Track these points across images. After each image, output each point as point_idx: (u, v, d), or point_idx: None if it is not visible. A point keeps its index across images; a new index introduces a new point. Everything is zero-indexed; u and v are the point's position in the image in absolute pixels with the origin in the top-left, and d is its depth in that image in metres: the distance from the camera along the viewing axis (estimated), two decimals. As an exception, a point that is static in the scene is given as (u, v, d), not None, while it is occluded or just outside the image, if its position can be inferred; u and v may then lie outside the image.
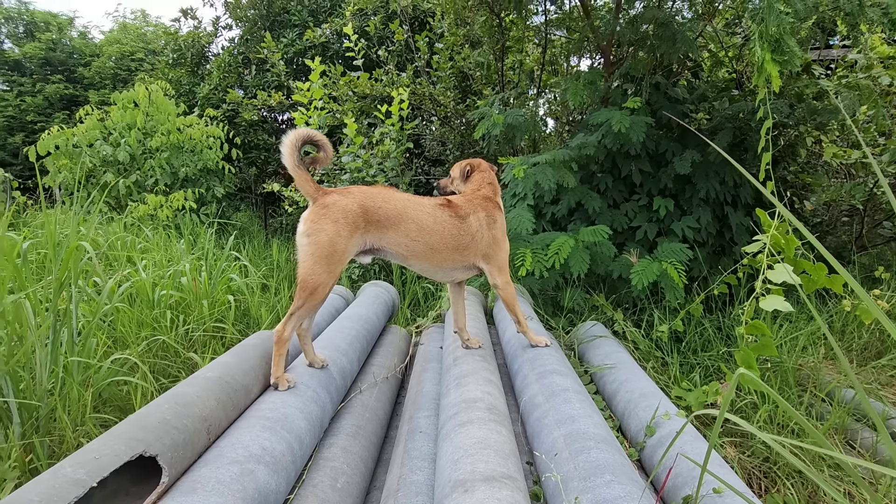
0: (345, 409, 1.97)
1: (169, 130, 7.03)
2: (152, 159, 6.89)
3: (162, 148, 6.93)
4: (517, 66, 5.74)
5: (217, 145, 7.41)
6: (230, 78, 8.50)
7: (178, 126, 7.10)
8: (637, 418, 1.98)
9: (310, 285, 1.67)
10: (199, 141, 7.20)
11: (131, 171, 6.81)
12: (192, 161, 7.15)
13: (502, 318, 2.84)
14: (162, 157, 6.89)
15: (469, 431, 1.45)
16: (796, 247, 2.31)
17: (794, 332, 2.95)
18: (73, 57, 14.42)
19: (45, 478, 0.95)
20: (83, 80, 13.68)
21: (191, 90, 9.45)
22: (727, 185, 3.51)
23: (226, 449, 1.28)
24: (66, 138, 6.59)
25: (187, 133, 7.13)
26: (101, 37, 15.99)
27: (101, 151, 6.62)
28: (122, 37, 15.28)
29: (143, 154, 6.96)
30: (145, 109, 7.03)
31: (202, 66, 9.81)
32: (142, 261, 3.05)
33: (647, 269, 3.03)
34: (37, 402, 1.86)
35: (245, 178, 9.55)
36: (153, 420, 1.19)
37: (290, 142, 1.70)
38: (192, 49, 9.45)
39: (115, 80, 13.70)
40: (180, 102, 7.85)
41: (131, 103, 7.11)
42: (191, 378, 1.46)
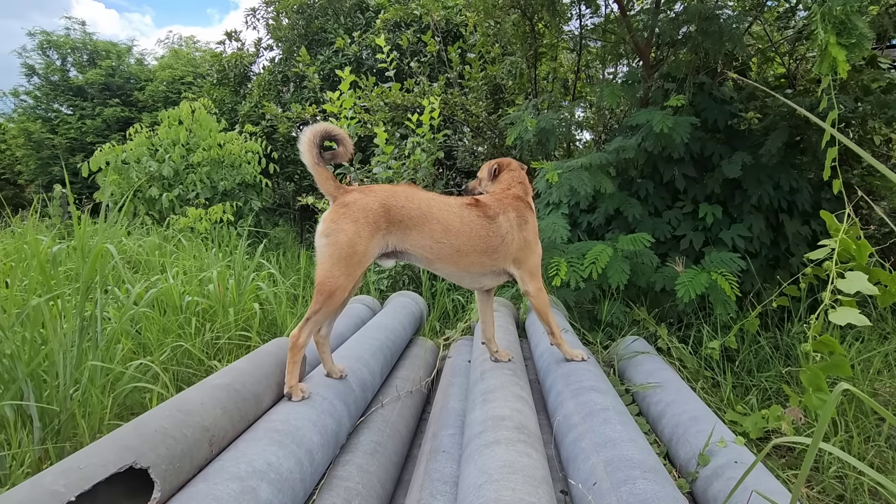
0: (364, 423, 1.85)
1: (210, 146, 7.28)
2: (193, 174, 7.14)
3: (203, 163, 7.17)
4: (551, 75, 5.61)
5: (255, 160, 7.61)
6: (269, 95, 8.77)
7: (219, 141, 7.34)
8: (687, 444, 1.76)
9: (327, 288, 1.57)
10: (237, 156, 7.41)
11: (174, 185, 7.07)
12: (231, 175, 7.36)
13: (535, 331, 2.67)
14: (202, 172, 7.12)
15: (495, 453, 1.29)
16: (869, 253, 2.04)
17: (865, 352, 2.62)
18: (129, 82, 15.37)
19: (24, 488, 0.87)
20: (138, 104, 14.52)
21: (233, 108, 9.82)
22: (782, 190, 3.22)
23: (228, 463, 1.18)
24: (117, 155, 6.92)
25: (227, 148, 7.36)
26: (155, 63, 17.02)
27: (147, 167, 6.91)
28: (174, 62, 16.20)
29: (186, 169, 7.22)
30: (189, 126, 7.32)
31: (244, 85, 10.19)
32: (173, 268, 3.06)
33: (694, 279, 2.79)
34: (56, 407, 1.83)
35: (284, 194, 9.77)
36: (150, 428, 1.10)
37: (308, 138, 1.63)
38: (234, 69, 9.84)
39: (167, 103, 14.47)
40: (222, 119, 8.15)
41: (177, 120, 7.42)
42: (198, 384, 1.38)
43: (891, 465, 2.12)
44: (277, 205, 10.07)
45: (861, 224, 2.99)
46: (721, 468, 1.57)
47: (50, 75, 14.57)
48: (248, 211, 7.51)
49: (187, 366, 2.55)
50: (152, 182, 7.09)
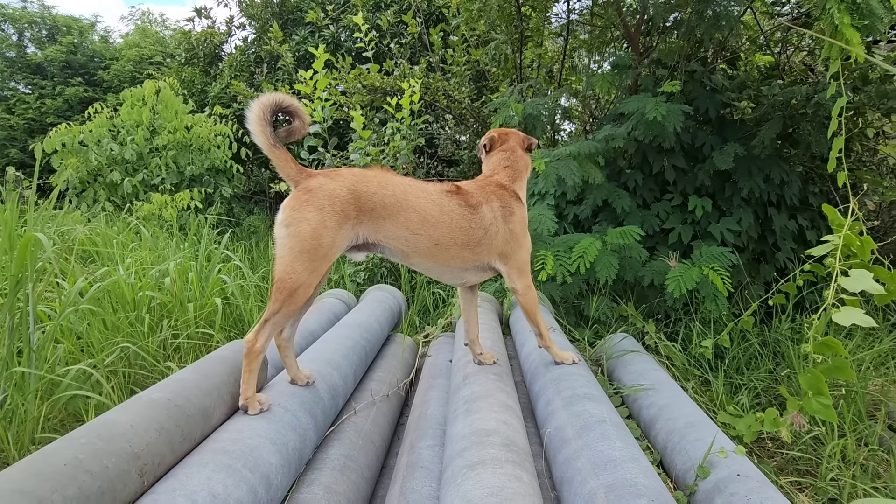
0: (334, 434, 1.66)
1: (176, 128, 6.88)
2: (159, 158, 6.74)
3: (169, 146, 6.78)
4: (535, 62, 5.44)
5: (226, 144, 7.24)
6: (242, 76, 8.36)
7: (186, 124, 6.95)
8: (684, 453, 1.64)
9: (288, 286, 1.37)
10: (206, 139, 7.03)
11: (138, 169, 6.66)
12: (200, 160, 6.98)
13: (520, 329, 2.51)
14: (168, 156, 6.73)
15: (480, 477, 1.12)
16: (873, 249, 1.94)
17: (858, 351, 2.56)
18: (93, 60, 14.56)
19: None
20: (102, 84, 13.77)
21: (203, 90, 9.35)
22: (772, 183, 3.13)
23: (161, 497, 0.98)
24: (73, 136, 6.47)
25: (195, 131, 6.97)
26: (121, 40, 16.16)
27: (108, 150, 6.49)
28: (141, 40, 15.41)
29: (150, 152, 6.82)
30: (153, 106, 6.89)
31: (215, 65, 9.71)
32: (126, 259, 2.79)
33: (684, 274, 2.67)
34: (-26, 420, 1.59)
35: (259, 181, 9.39)
36: (58, 461, 0.89)
37: (257, 114, 1.40)
38: (204, 48, 9.35)
39: (133, 83, 13.76)
40: (191, 101, 7.72)
41: (140, 101, 6.99)
42: (129, 401, 1.17)
43: (882, 468, 2.05)
44: (252, 192, 9.68)
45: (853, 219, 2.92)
46: (723, 482, 1.44)
47: (5, 51, 13.67)
48: (217, 198, 7.15)
49: (141, 367, 2.31)
50: (113, 166, 6.67)
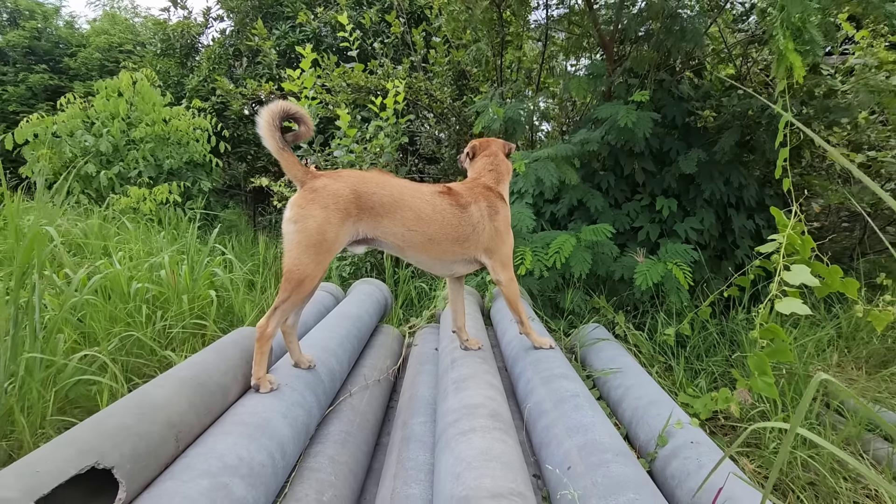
0: (333, 413, 1.81)
1: (154, 121, 6.81)
2: (136, 150, 6.67)
3: (146, 139, 6.71)
4: (515, 64, 5.63)
5: (204, 138, 7.19)
6: (220, 69, 8.29)
7: (164, 117, 6.88)
8: (647, 426, 1.85)
9: (296, 277, 1.51)
10: (185, 133, 6.98)
11: (114, 162, 6.57)
12: (178, 153, 6.93)
13: (501, 319, 2.70)
14: (146, 149, 6.66)
15: (472, 441, 1.30)
16: (812, 247, 2.20)
17: (801, 337, 2.85)
18: (58, 47, 14.04)
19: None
20: (69, 71, 13.31)
21: (179, 82, 9.22)
22: (731, 186, 3.41)
23: (196, 459, 1.12)
24: (46, 127, 6.35)
25: (173, 124, 6.91)
26: (88, 27, 15.61)
27: (82, 141, 6.39)
28: (110, 27, 14.93)
29: (127, 145, 6.73)
30: (129, 98, 6.80)
31: (191, 57, 9.57)
32: (118, 252, 2.86)
33: (651, 269, 2.91)
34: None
35: (234, 174, 9.34)
36: (111, 425, 1.02)
37: (267, 120, 1.53)
38: (181, 39, 9.22)
39: (102, 72, 13.34)
40: (167, 93, 7.63)
41: (115, 92, 6.88)
42: (161, 377, 1.30)
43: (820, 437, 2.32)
44: (227, 186, 9.62)
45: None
46: (678, 448, 1.66)
47: (-37, 35, 13.08)
48: (196, 192, 7.12)
49: (137, 356, 2.40)
50: (88, 158, 6.57)
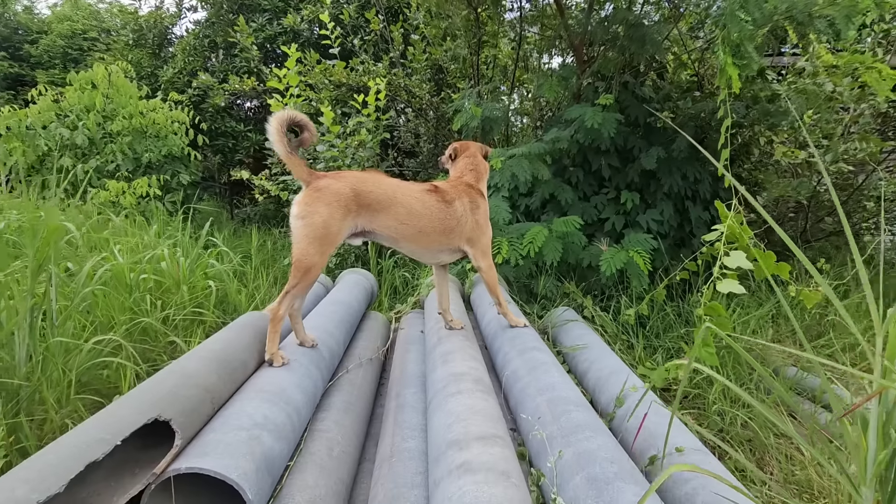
0: (334, 387, 2.04)
1: (131, 114, 6.78)
2: (113, 144, 6.64)
3: (123, 132, 6.68)
4: (491, 61, 5.86)
5: (182, 131, 7.20)
6: (196, 62, 8.24)
7: (141, 110, 6.86)
8: (607, 392, 2.14)
9: (304, 265, 1.73)
10: (163, 126, 6.97)
11: (90, 155, 6.54)
12: (156, 147, 6.93)
13: (480, 303, 2.97)
14: (124, 142, 6.64)
15: (459, 400, 1.56)
16: (749, 237, 2.53)
17: (744, 315, 3.21)
18: (17, 33, 13.51)
19: (72, 436, 0.99)
20: (30, 59, 12.85)
21: (153, 73, 9.10)
22: (688, 181, 3.74)
23: (230, 418, 1.34)
24: (20, 119, 6.26)
25: (151, 117, 6.90)
26: (48, 13, 15.03)
27: (57, 134, 6.33)
28: (73, 13, 14.43)
29: (103, 138, 6.69)
30: (105, 91, 6.75)
31: (164, 48, 9.45)
32: (115, 246, 2.99)
33: (615, 256, 3.22)
34: (19, 382, 1.84)
35: (208, 166, 9.31)
36: (163, 389, 1.24)
37: (276, 127, 1.73)
38: (153, 30, 9.09)
39: (66, 60, 12.93)
40: (142, 85, 7.57)
41: (89, 84, 6.82)
42: (190, 354, 1.50)
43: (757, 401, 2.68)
44: (202, 178, 9.58)
45: (747, 211, 3.59)
46: (633, 407, 1.96)
47: (-85, 20, 12.48)
48: (175, 185, 7.13)
49: (142, 342, 2.57)
50: (63, 151, 6.51)
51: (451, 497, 1.11)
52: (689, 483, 1.44)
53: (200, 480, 1.21)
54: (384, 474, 1.50)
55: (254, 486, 1.16)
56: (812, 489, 2.04)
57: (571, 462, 1.24)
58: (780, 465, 2.29)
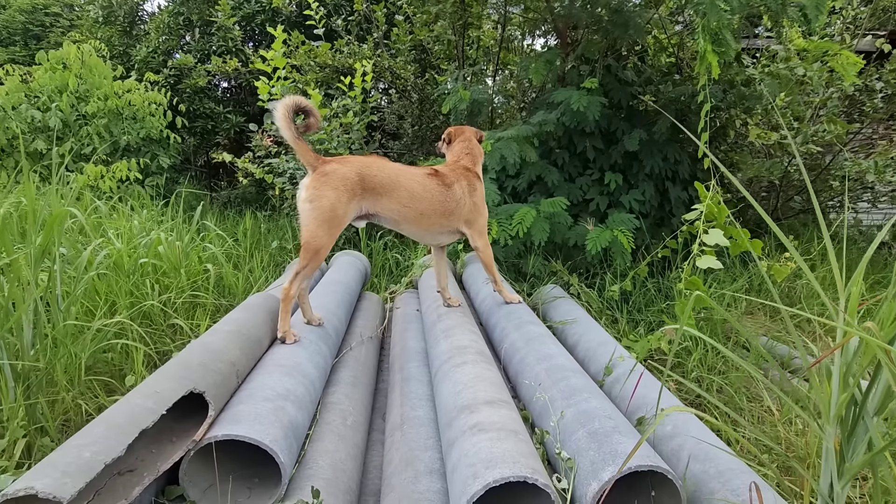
0: (339, 363, 2.14)
1: (106, 95, 6.59)
2: (88, 126, 6.46)
3: (99, 114, 6.50)
4: (475, 42, 5.87)
5: (160, 112, 7.03)
6: (171, 41, 7.99)
7: (116, 90, 6.66)
8: (597, 362, 2.30)
9: (313, 247, 1.81)
10: (140, 107, 6.80)
11: (65, 138, 6.35)
12: (134, 129, 6.77)
13: (473, 282, 3.09)
14: (99, 124, 6.47)
15: (465, 370, 1.68)
16: (726, 215, 2.70)
17: (720, 290, 3.42)
18: (-28, 7, 12.78)
19: (120, 406, 1.07)
20: (-12, 35, 12.19)
21: (125, 52, 8.79)
22: (669, 162, 3.90)
23: (255, 390, 1.43)
24: (-13, 101, 6.02)
25: (126, 98, 6.71)
26: (5, -14, 14.21)
27: (28, 116, 6.12)
28: (33, -13, 13.67)
29: (77, 120, 6.50)
30: (77, 72, 6.53)
31: (136, 25, 9.11)
32: (110, 230, 3.00)
33: (600, 236, 3.37)
34: (33, 364, 1.88)
35: (184, 149, 9.12)
36: (194, 363, 1.32)
37: (283, 113, 1.79)
38: (123, 6, 8.74)
39: (27, 36, 12.32)
40: (116, 65, 7.32)
41: (59, 64, 6.58)
42: (211, 331, 1.58)
43: (724, 367, 2.90)
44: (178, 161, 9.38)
45: (724, 191, 3.77)
46: (621, 375, 2.11)
47: None
48: (156, 168, 7.00)
49: (144, 325, 2.61)
50: (36, 134, 6.31)
51: (467, 453, 1.23)
52: (674, 440, 1.60)
53: (230, 448, 1.30)
54: (397, 440, 1.62)
55: (284, 450, 1.26)
56: (780, 444, 2.25)
57: (572, 420, 1.38)
58: (752, 425, 2.51)
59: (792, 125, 4.08)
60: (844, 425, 0.93)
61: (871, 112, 4.00)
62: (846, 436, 0.93)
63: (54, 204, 2.11)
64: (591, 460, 1.20)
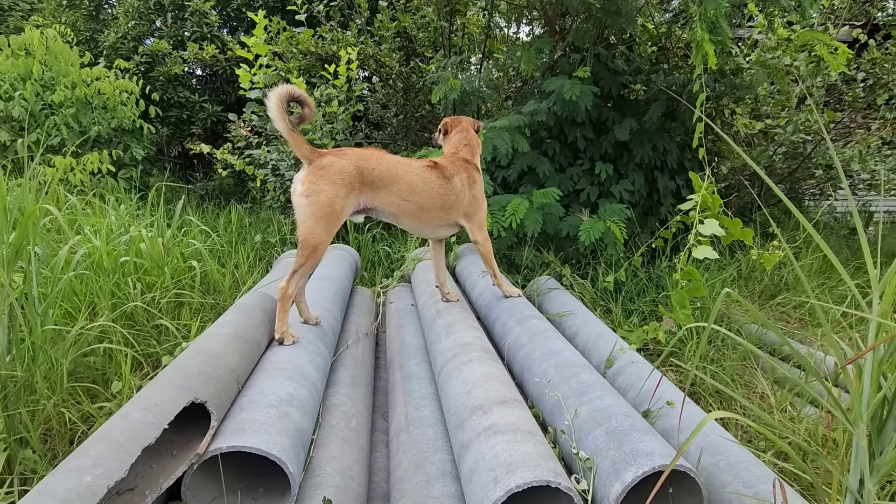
0: (338, 362, 2.08)
1: (73, 83, 6.27)
2: (55, 116, 6.15)
3: (66, 103, 6.19)
4: (460, 29, 5.76)
5: (132, 101, 6.73)
6: (142, 26, 7.64)
7: (84, 78, 6.35)
8: (597, 354, 2.29)
9: (311, 244, 1.73)
10: (111, 96, 6.50)
11: (30, 129, 6.03)
12: (105, 119, 6.48)
13: (469, 275, 3.04)
14: (67, 114, 6.16)
15: (472, 368, 1.64)
16: (720, 205, 2.71)
17: (710, 279, 3.46)
18: (-79, -12, 12.02)
19: (118, 421, 0.99)
20: (-61, 19, 11.48)
21: (91, 38, 8.38)
22: (658, 152, 3.90)
23: (257, 396, 1.36)
24: (-58, 89, 5.67)
25: (96, 87, 6.40)
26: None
27: (-11, 105, 5.79)
28: (-12, -33, 12.92)
29: (43, 110, 6.18)
30: (42, 58, 6.19)
31: (102, 9, 8.68)
32: (86, 227, 2.85)
33: (593, 227, 3.36)
34: (10, 371, 1.77)
35: (157, 140, 8.80)
36: (193, 371, 1.24)
37: (276, 104, 1.69)
38: (89, -11, 8.31)
39: (-25, 20, 11.65)
40: (84, 51, 6.96)
41: (21, 50, 6.23)
42: (207, 335, 1.50)
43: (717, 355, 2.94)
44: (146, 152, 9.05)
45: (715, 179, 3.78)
46: (622, 367, 2.10)
47: None
48: (129, 160, 6.72)
49: (128, 327, 2.50)
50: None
51: (484, 457, 1.19)
52: (686, 433, 1.60)
53: (232, 457, 1.24)
54: (404, 442, 1.57)
55: (292, 459, 1.20)
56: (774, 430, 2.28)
57: (587, 419, 1.35)
58: (744, 412, 2.54)
59: (779, 115, 4.13)
60: (874, 421, 0.92)
61: (851, 101, 4.07)
62: (875, 432, 0.92)
63: (27, 200, 1.97)
64: (611, 460, 1.18)
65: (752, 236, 2.74)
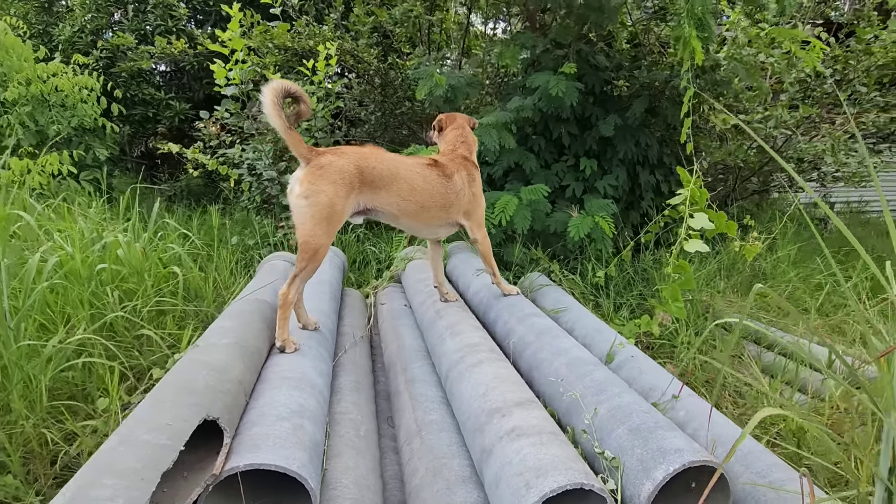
0: (338, 367, 2.02)
1: (28, 79, 5.90)
2: (9, 115, 5.78)
3: (21, 101, 5.82)
4: (438, 25, 5.70)
5: (93, 99, 6.39)
6: (100, 19, 7.25)
7: (40, 74, 5.98)
8: (596, 349, 2.29)
9: (312, 247, 1.67)
10: (70, 93, 6.14)
11: (-19, 128, 5.65)
12: (64, 118, 6.13)
13: (462, 274, 3.01)
14: (22, 112, 5.80)
15: (483, 369, 1.61)
16: (707, 198, 2.76)
17: (695, 272, 3.54)
18: None
19: (126, 446, 0.92)
20: None
21: (45, 31, 7.91)
22: (640, 147, 3.96)
23: (267, 408, 1.30)
24: None
25: (52, 83, 6.04)
26: None
27: (-65, 104, 5.39)
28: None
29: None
30: (-8, 53, 5.80)
31: (56, 1, 8.21)
32: (60, 233, 2.68)
33: (581, 222, 3.38)
34: (-15, 395, 1.63)
35: (118, 139, 8.40)
36: (199, 385, 1.17)
37: (272, 100, 1.62)
38: (40, -21, 7.83)
39: (-77, 13, 10.86)
40: (38, 45, 6.55)
41: (-31, 44, 5.82)
42: (208, 346, 1.42)
43: (708, 347, 3.01)
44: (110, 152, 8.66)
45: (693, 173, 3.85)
46: (623, 362, 2.11)
47: None
48: (91, 161, 6.38)
49: (109, 338, 2.36)
50: (-55, 124, 5.57)
51: (510, 461, 1.17)
52: (690, 425, 1.61)
53: (247, 475, 1.17)
54: (417, 448, 1.53)
55: (312, 475, 1.15)
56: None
57: (608, 417, 1.35)
58: (733, 401, 2.61)
59: (755, 110, 4.26)
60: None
61: (820, 97, 4.24)
62: (903, 422, 0.93)
63: None
64: (639, 458, 1.17)
65: (735, 229, 2.81)
